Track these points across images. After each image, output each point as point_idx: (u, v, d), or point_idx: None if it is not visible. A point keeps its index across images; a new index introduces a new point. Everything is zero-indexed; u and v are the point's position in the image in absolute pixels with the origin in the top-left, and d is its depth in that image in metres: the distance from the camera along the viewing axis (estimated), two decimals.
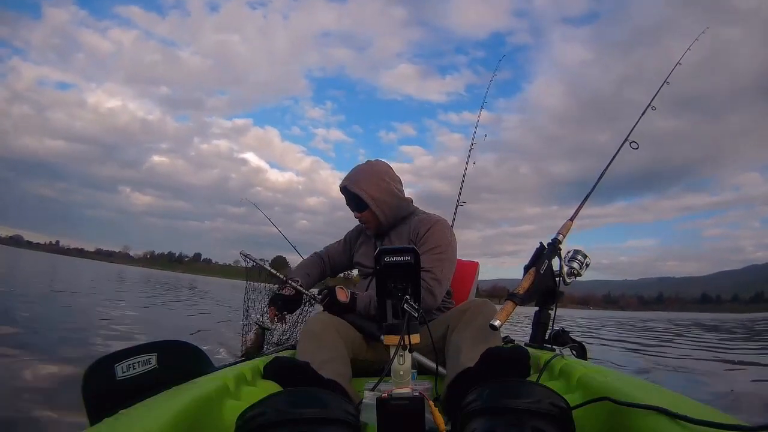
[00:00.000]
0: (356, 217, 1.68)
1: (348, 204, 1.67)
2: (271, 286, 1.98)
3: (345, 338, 1.35)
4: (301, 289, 1.67)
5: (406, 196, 1.69)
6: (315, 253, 1.92)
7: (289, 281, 1.67)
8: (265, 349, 1.93)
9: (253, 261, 1.94)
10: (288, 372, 1.09)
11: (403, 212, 1.65)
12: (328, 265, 1.88)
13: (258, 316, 2.04)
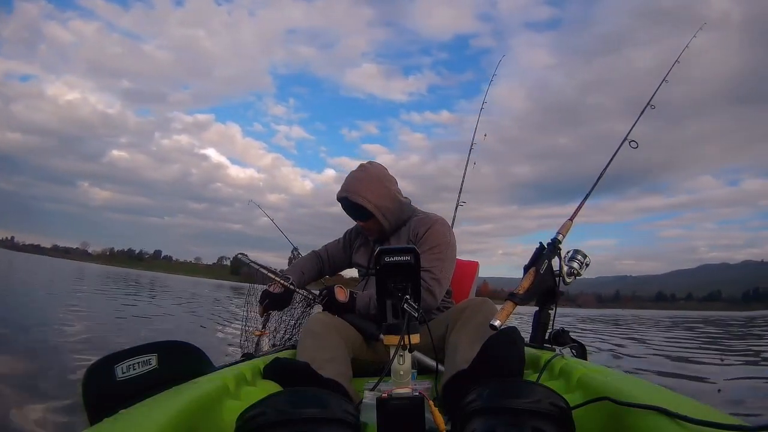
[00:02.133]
0: (359, 226, 1.66)
1: (348, 213, 1.64)
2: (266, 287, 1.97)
3: (345, 338, 1.35)
4: (291, 287, 1.62)
5: (404, 196, 1.67)
6: (313, 251, 1.90)
7: (278, 278, 1.62)
8: (264, 349, 1.93)
9: (251, 263, 1.93)
10: (288, 372, 1.09)
11: (405, 215, 1.63)
12: (327, 263, 1.86)
13: (255, 326, 2.02)
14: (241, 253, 1.93)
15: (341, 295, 1.47)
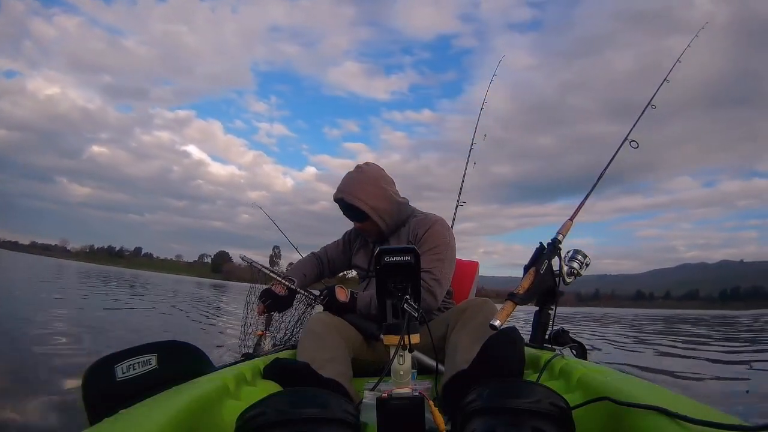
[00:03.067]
0: (356, 227, 1.66)
1: (345, 214, 1.63)
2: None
3: (346, 338, 1.35)
4: (295, 288, 1.62)
5: (401, 196, 1.66)
6: (312, 253, 1.89)
7: (283, 280, 1.62)
8: (264, 349, 1.93)
9: (253, 264, 1.94)
10: (288, 373, 1.09)
11: (403, 216, 1.62)
12: (326, 266, 1.85)
13: (255, 327, 2.04)
14: (242, 256, 1.94)
15: (342, 295, 1.46)
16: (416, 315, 0.78)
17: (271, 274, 1.78)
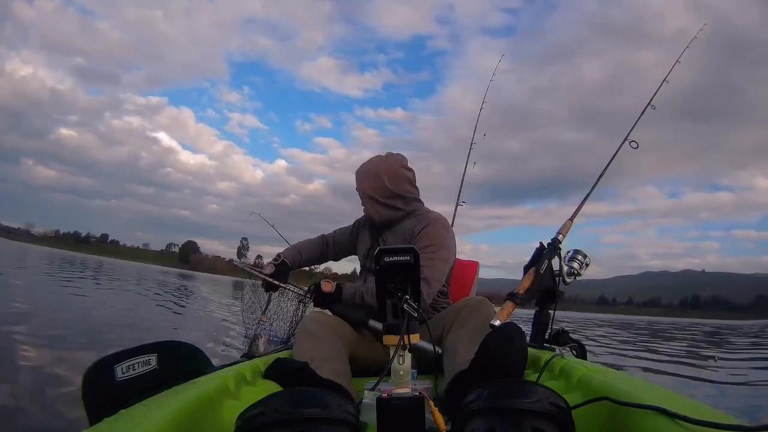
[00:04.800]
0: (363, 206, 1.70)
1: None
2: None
3: (342, 336, 1.35)
4: (266, 277, 1.72)
5: (415, 192, 1.65)
6: (321, 234, 1.92)
7: (261, 275, 1.73)
8: (263, 349, 1.94)
9: (245, 268, 2.01)
10: (288, 373, 1.09)
11: (399, 213, 1.62)
12: (331, 247, 1.87)
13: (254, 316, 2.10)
14: (233, 260, 2.04)
15: (327, 287, 1.49)
16: (416, 315, 0.78)
17: (248, 269, 1.87)
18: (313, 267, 2.07)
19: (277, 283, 1.73)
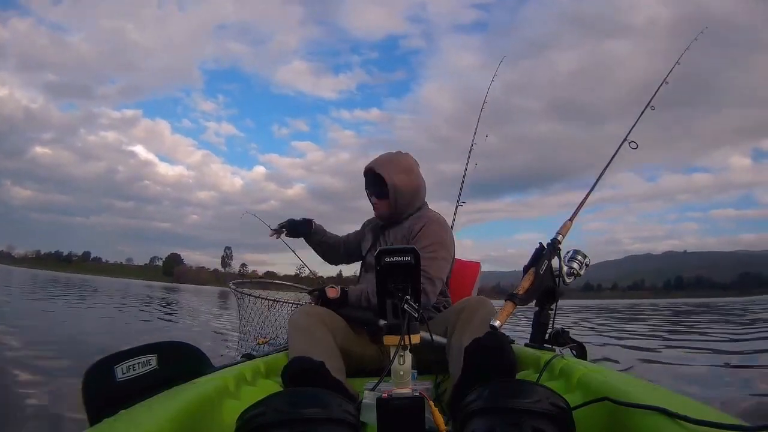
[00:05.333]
0: (372, 203, 1.68)
1: (367, 188, 1.66)
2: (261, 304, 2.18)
3: (332, 329, 1.36)
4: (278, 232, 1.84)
5: (424, 195, 1.69)
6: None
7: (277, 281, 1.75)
8: (264, 349, 1.95)
9: (241, 292, 2.06)
10: (307, 373, 1.07)
11: (412, 209, 1.64)
12: (344, 245, 1.90)
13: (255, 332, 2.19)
14: (232, 284, 2.07)
15: (332, 293, 1.48)
16: (416, 315, 0.78)
17: (258, 281, 1.90)
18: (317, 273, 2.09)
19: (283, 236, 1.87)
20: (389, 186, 1.56)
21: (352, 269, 1.97)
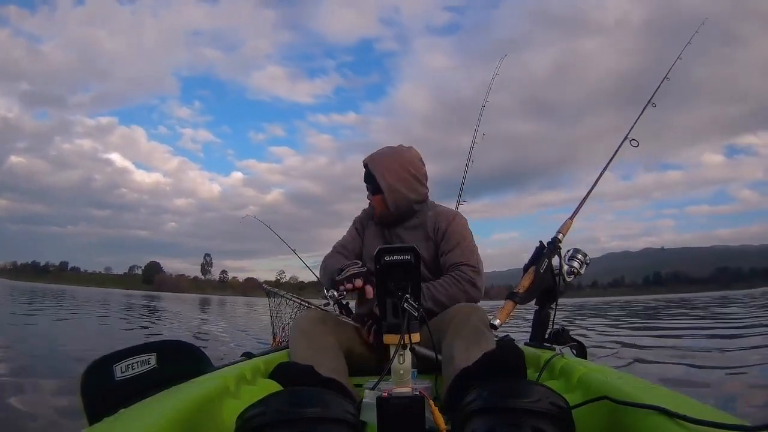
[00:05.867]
0: (368, 198, 1.63)
1: (365, 181, 1.60)
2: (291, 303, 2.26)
3: (335, 332, 1.35)
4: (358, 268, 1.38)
5: (425, 188, 1.61)
6: (335, 250, 1.71)
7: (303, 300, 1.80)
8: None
9: (277, 293, 2.10)
10: (293, 377, 1.08)
11: (416, 207, 1.58)
12: (350, 256, 1.69)
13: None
14: (263, 286, 2.11)
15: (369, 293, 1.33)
16: (416, 314, 0.78)
17: (290, 298, 1.88)
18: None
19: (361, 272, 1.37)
20: (382, 186, 1.51)
21: None
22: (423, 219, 1.57)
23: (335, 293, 1.32)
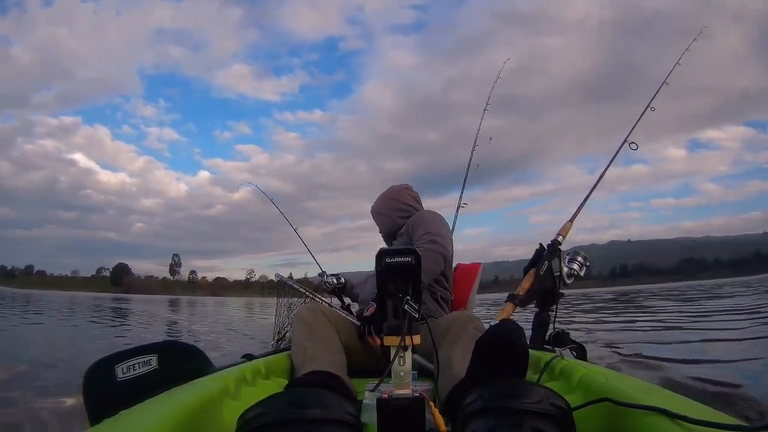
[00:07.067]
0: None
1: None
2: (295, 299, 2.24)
3: (335, 324, 1.38)
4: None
5: (417, 206, 1.86)
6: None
7: (316, 296, 1.82)
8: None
9: (289, 284, 2.11)
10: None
11: (399, 221, 1.79)
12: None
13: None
14: (277, 274, 2.11)
15: (369, 310, 1.48)
16: (417, 316, 0.78)
17: (304, 292, 1.90)
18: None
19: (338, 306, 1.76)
20: (372, 215, 1.89)
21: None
22: (406, 227, 1.75)
23: (334, 280, 1.93)
